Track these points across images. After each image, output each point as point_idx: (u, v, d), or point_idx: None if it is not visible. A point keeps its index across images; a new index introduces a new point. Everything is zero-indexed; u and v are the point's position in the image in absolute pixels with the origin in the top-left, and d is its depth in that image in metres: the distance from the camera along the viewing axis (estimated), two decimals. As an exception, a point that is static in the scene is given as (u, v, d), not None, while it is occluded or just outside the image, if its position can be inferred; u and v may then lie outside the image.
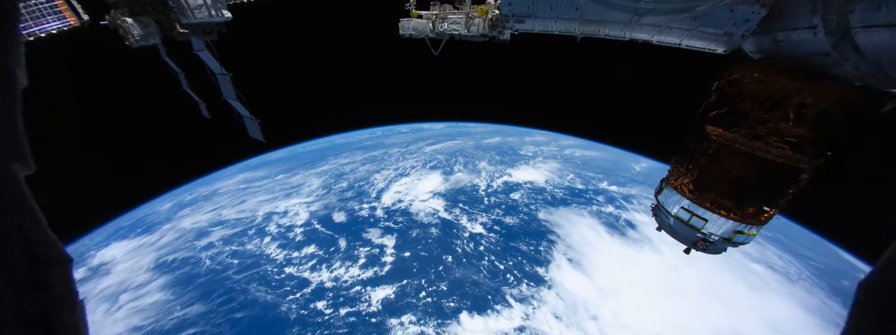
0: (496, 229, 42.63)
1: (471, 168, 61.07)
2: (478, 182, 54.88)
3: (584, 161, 67.65)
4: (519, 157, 68.05)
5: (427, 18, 8.78)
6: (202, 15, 9.39)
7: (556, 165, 63.61)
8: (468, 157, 66.58)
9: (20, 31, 1.45)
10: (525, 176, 57.59)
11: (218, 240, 40.95)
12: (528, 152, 72.34)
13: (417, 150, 72.05)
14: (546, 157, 69.65)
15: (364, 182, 54.08)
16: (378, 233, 41.09)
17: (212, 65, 10.87)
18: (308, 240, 39.72)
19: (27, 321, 1.27)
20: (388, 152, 70.57)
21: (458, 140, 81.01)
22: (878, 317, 1.22)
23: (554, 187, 53.63)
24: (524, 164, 63.96)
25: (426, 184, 53.64)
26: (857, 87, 3.91)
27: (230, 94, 11.40)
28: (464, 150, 71.52)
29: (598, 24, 5.85)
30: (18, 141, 1.37)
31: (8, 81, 1.34)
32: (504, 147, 75.98)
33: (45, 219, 1.40)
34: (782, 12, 4.16)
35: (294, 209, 46.60)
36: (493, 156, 68.67)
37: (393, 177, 56.38)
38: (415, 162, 63.65)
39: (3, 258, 1.23)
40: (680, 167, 5.59)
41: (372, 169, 60.15)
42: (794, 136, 4.30)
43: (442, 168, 60.49)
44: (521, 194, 51.40)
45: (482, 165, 62.48)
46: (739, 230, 5.02)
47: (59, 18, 9.00)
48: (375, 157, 67.73)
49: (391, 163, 63.16)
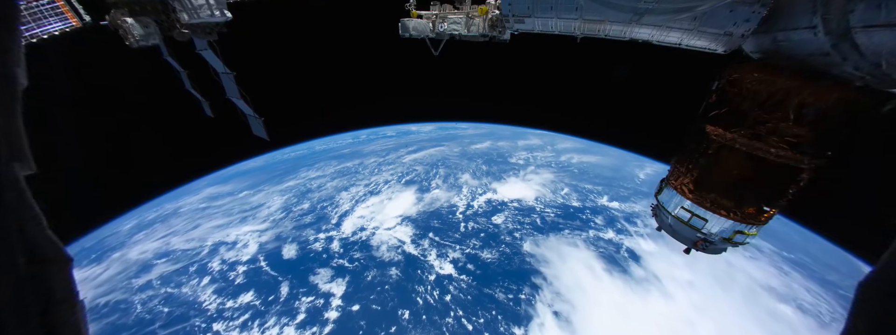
0: (470, 269, 34.67)
1: (451, 182, 53.66)
2: (457, 201, 47.49)
3: (581, 169, 61.28)
4: (508, 167, 60.95)
5: (427, 18, 8.78)
6: (202, 15, 9.39)
7: (550, 176, 56.65)
8: (450, 168, 59.45)
9: (20, 31, 1.45)
10: (512, 192, 50.39)
11: (157, 278, 35.85)
12: (520, 160, 65.35)
13: (396, 159, 65.47)
14: (539, 165, 62.79)
15: (328, 203, 47.65)
16: (328, 276, 33.96)
17: (215, 64, 10.89)
18: (248, 284, 33.63)
19: (27, 321, 1.27)
20: (363, 163, 63.75)
21: (444, 146, 74.34)
22: (878, 317, 1.22)
23: (545, 206, 46.24)
24: (513, 176, 56.52)
25: (397, 205, 46.78)
26: (857, 87, 3.91)
27: (234, 93, 11.42)
28: (447, 159, 64.67)
29: (598, 24, 5.85)
30: (19, 141, 1.37)
31: (8, 82, 1.34)
32: (493, 154, 68.93)
33: (45, 219, 1.40)
34: (782, 12, 4.16)
35: (244, 239, 40.99)
36: (479, 165, 61.50)
37: (361, 195, 49.70)
38: (390, 175, 56.96)
39: (4, 258, 1.23)
40: (680, 167, 5.59)
41: (341, 185, 53.66)
42: (794, 135, 4.30)
43: (419, 183, 53.25)
44: (505, 217, 43.79)
45: (465, 179, 55.04)
46: (739, 230, 5.02)
47: (61, 19, 9.04)
48: (348, 169, 61.35)
49: (363, 177, 56.69)
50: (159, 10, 9.25)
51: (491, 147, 74.65)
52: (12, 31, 1.36)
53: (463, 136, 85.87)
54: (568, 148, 76.25)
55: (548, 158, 67.13)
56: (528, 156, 68.54)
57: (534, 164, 63.44)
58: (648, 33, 5.48)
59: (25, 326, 1.26)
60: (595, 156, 71.49)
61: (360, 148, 76.91)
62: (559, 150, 73.46)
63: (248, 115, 11.99)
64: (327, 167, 63.41)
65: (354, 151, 74.08)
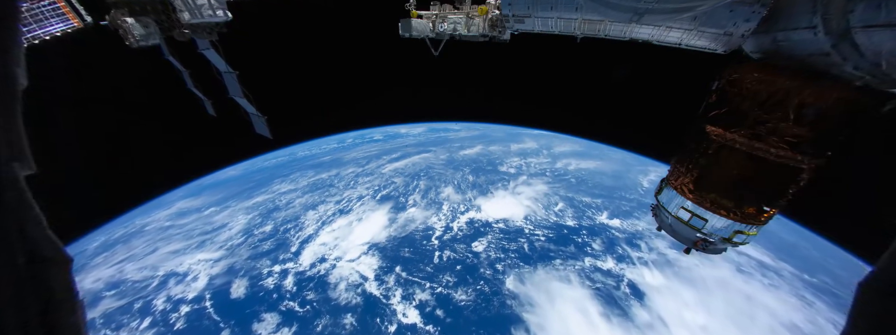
0: (438, 316, 28.94)
1: (431, 198, 47.54)
2: (434, 222, 41.27)
3: (579, 177, 55.34)
4: (497, 177, 54.64)
5: (427, 18, 8.78)
6: (203, 15, 9.40)
7: (543, 188, 50.69)
8: (433, 180, 53.39)
9: (20, 31, 1.45)
10: (499, 210, 44.29)
11: (100, 316, 32.32)
12: (511, 168, 59.34)
13: (376, 169, 59.70)
14: (532, 174, 56.73)
15: (292, 225, 42.58)
16: (273, 323, 29.41)
17: (217, 63, 10.93)
18: (187, 331, 29.73)
19: (27, 321, 1.27)
20: (340, 174, 58.29)
21: (430, 152, 68.21)
22: (878, 317, 1.22)
23: (535, 227, 39.92)
24: (502, 190, 50.01)
25: (366, 228, 40.82)
26: (857, 87, 3.91)
27: (237, 92, 11.45)
28: (431, 169, 58.56)
29: (598, 24, 5.85)
30: (19, 141, 1.37)
31: (8, 82, 1.34)
32: (482, 161, 62.67)
33: (45, 220, 1.40)
34: (782, 12, 4.16)
35: (196, 269, 37.16)
36: (465, 176, 55.20)
37: (330, 215, 44.13)
38: (365, 189, 51.31)
39: (4, 258, 1.23)
40: (680, 167, 5.58)
41: (310, 202, 48.28)
42: (794, 136, 4.30)
43: (395, 199, 47.46)
44: (487, 243, 37.12)
45: (447, 193, 48.75)
46: (739, 230, 5.02)
47: (63, 20, 9.10)
48: (323, 181, 55.71)
49: (337, 191, 51.21)
50: (159, 10, 9.26)
51: (481, 152, 68.55)
52: (12, 31, 1.36)
53: (453, 139, 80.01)
54: (565, 152, 70.74)
55: (542, 165, 61.14)
56: (521, 163, 62.29)
57: (526, 173, 57.04)
58: (648, 33, 5.48)
59: (25, 326, 1.26)
60: (594, 161, 65.91)
61: (341, 155, 71.79)
62: (555, 155, 67.78)
63: (250, 113, 12.02)
64: (302, 178, 58.03)
65: (335, 159, 68.34)
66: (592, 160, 66.11)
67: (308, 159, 70.78)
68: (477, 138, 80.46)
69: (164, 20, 9.39)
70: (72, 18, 9.22)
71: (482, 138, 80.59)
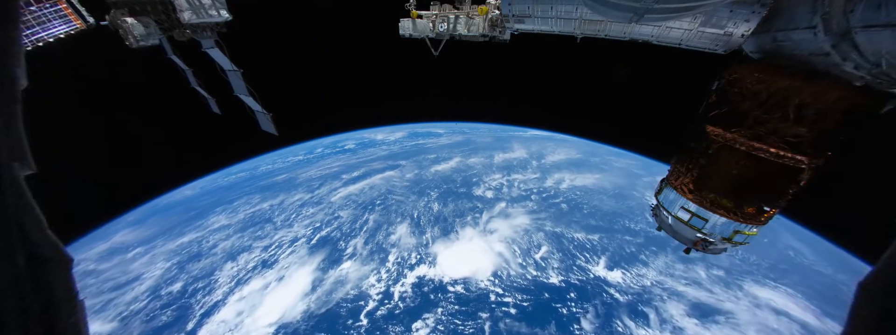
0: None
1: (377, 244, 37.49)
2: (371, 285, 31.42)
3: (572, 201, 45.37)
4: (469, 206, 44.35)
5: (427, 18, 8.79)
6: (203, 15, 9.40)
7: (525, 221, 40.94)
8: (387, 214, 43.56)
9: (21, 31, 1.45)
10: (461, 262, 33.86)
11: None
12: (489, 190, 48.99)
13: (326, 196, 49.81)
14: (514, 199, 46.26)
15: (203, 283, 33.95)
16: None
17: (221, 62, 10.98)
18: None
19: (27, 321, 1.27)
20: (283, 204, 48.90)
21: (397, 169, 58.31)
22: (878, 317, 1.22)
23: (505, 291, 30.12)
24: (470, 227, 39.76)
25: (280, 296, 31.77)
26: (857, 86, 3.91)
27: (241, 90, 11.51)
28: (391, 194, 48.82)
29: (598, 24, 5.85)
30: (19, 141, 1.37)
31: (8, 82, 1.34)
32: (456, 180, 52.51)
33: (45, 219, 1.40)
34: (782, 12, 4.16)
35: None
36: (429, 205, 45.07)
37: (248, 271, 35.37)
38: (303, 228, 41.78)
39: (4, 258, 1.23)
40: (680, 167, 5.59)
41: (236, 247, 39.58)
42: (794, 135, 4.30)
43: (332, 246, 37.66)
44: (434, 322, 27.51)
45: (398, 235, 38.86)
46: (739, 230, 5.02)
47: (65, 22, 9.23)
48: (262, 214, 46.70)
49: (270, 231, 42.12)
50: (159, 10, 9.27)
51: (457, 167, 57.80)
52: (12, 32, 1.36)
53: (430, 148, 69.86)
54: (559, 162, 60.91)
55: (528, 185, 50.66)
56: (503, 181, 51.79)
57: (506, 198, 46.25)
58: (648, 33, 5.49)
59: (25, 326, 1.26)
60: (592, 174, 55.81)
61: (298, 173, 61.90)
62: (546, 168, 57.62)
63: (255, 111, 12.07)
64: (244, 207, 49.24)
65: (289, 179, 58.44)
66: (590, 172, 56.48)
67: (264, 177, 61.85)
68: (458, 146, 70.55)
69: (164, 20, 9.40)
70: (74, 20, 9.32)
71: (464, 146, 70.69)
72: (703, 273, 34.76)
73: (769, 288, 33.45)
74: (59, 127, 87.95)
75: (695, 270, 34.85)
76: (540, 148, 70.10)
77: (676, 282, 32.81)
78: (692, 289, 32.25)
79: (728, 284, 33.40)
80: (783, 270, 36.38)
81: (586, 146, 74.45)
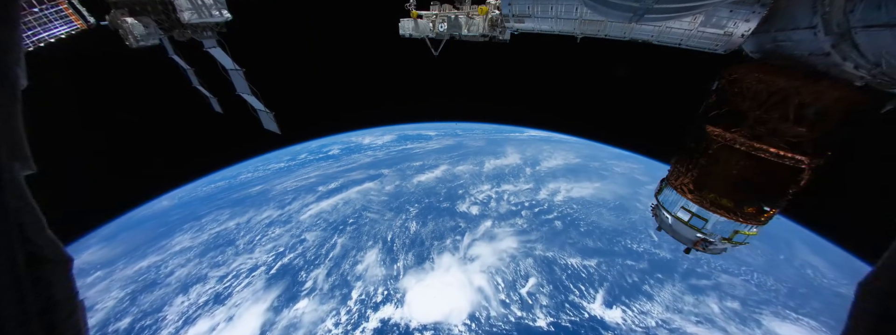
0: None
1: (341, 276, 33.00)
2: (326, 331, 27.98)
3: (568, 217, 40.34)
4: (450, 226, 39.01)
5: (427, 18, 8.78)
6: (203, 15, 9.40)
7: (512, 244, 35.65)
8: (358, 236, 38.75)
9: (21, 31, 1.45)
10: (433, 301, 29.69)
11: None
12: (474, 205, 43.56)
13: (296, 213, 45.35)
14: (502, 216, 41.29)
15: (151, 320, 31.32)
16: None
17: (223, 61, 11.01)
18: None
19: (27, 321, 1.27)
20: (250, 223, 44.37)
21: (377, 180, 53.25)
22: (878, 317, 1.22)
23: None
24: (449, 253, 34.80)
25: None
26: (857, 86, 3.91)
27: (244, 89, 11.55)
28: (366, 211, 44.12)
29: (598, 25, 5.85)
30: (19, 141, 1.37)
31: (8, 82, 1.34)
32: (440, 193, 47.05)
33: (45, 220, 1.40)
34: (782, 12, 4.16)
35: None
36: (406, 224, 39.84)
37: (198, 308, 31.81)
38: (264, 254, 37.45)
39: (4, 258, 1.23)
40: (680, 167, 5.59)
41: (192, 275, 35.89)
42: (794, 135, 4.30)
43: (292, 277, 33.70)
44: None
45: (366, 264, 34.35)
46: (739, 230, 5.02)
47: (66, 23, 9.36)
48: (226, 235, 42.36)
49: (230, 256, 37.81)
50: (159, 10, 9.27)
51: (443, 177, 52.34)
52: (12, 32, 1.36)
53: (417, 154, 64.67)
54: (555, 168, 55.51)
55: (520, 197, 45.49)
56: (491, 193, 46.67)
57: (493, 215, 41.16)
58: (648, 33, 5.49)
59: (25, 326, 1.26)
60: (591, 182, 50.73)
61: (273, 183, 57.72)
62: (541, 176, 52.31)
63: (258, 109, 12.11)
64: (210, 225, 44.98)
65: (262, 192, 54.18)
66: (589, 180, 51.20)
67: (241, 187, 58.05)
68: (447, 152, 65.14)
69: (164, 20, 9.40)
70: (75, 20, 9.42)
71: (454, 151, 65.28)
72: (715, 307, 30.30)
73: (790, 321, 30.23)
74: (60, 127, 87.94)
75: (707, 303, 30.45)
76: (535, 152, 65.63)
77: (686, 321, 28.64)
78: (704, 331, 28.20)
79: (744, 320, 29.43)
80: (803, 296, 32.97)
81: (585, 148, 71.28)
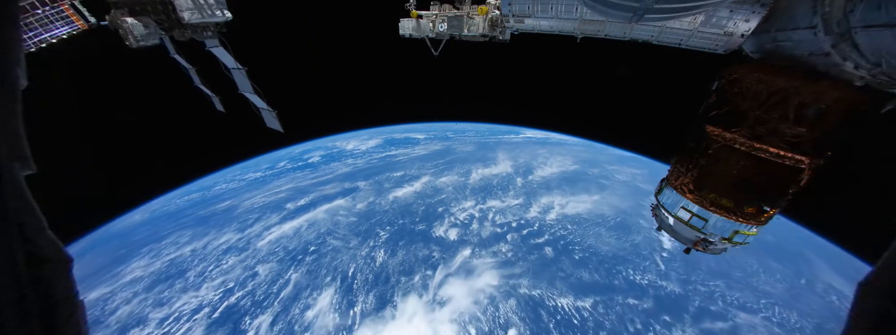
0: None
1: (290, 323, 29.26)
2: None
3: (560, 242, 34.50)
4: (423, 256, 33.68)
5: (427, 18, 8.78)
6: (203, 15, 9.40)
7: (491, 281, 30.67)
8: (316, 270, 34.19)
9: (21, 32, 1.45)
10: None
11: None
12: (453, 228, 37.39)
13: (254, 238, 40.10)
14: (484, 242, 35.33)
15: None
16: None
17: (226, 60, 11.02)
18: None
19: (27, 321, 1.27)
20: (206, 249, 40.21)
21: (350, 196, 47.53)
22: (878, 317, 1.22)
23: None
24: (417, 293, 30.40)
25: None
26: (857, 86, 3.91)
27: (246, 88, 11.56)
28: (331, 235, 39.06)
29: (598, 25, 5.85)
30: (19, 141, 1.37)
31: (8, 82, 1.34)
32: (416, 212, 41.02)
33: (45, 220, 1.40)
34: (782, 12, 4.16)
35: None
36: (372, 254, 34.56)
37: None
38: (211, 290, 33.65)
39: (4, 258, 1.23)
40: (680, 167, 5.58)
41: (131, 316, 31.91)
42: (794, 135, 4.29)
43: (232, 326, 29.39)
44: None
45: (319, 308, 30.16)
46: (739, 230, 5.02)
47: (68, 24, 9.44)
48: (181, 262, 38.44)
49: (174, 294, 34.08)
50: (159, 10, 9.26)
51: (423, 192, 46.81)
52: (12, 31, 1.36)
53: (400, 162, 58.66)
54: (550, 178, 49.89)
55: (507, 216, 39.53)
56: (475, 212, 40.82)
57: (473, 241, 34.30)
58: (648, 33, 5.48)
59: (25, 326, 1.26)
60: (589, 194, 44.69)
61: (245, 197, 52.41)
62: (533, 188, 46.61)
63: (261, 108, 12.12)
64: (168, 249, 40.51)
65: (229, 209, 48.70)
66: (587, 193, 45.40)
67: (211, 202, 52.77)
68: (432, 159, 59.40)
69: (164, 20, 9.39)
70: (76, 21, 9.48)
71: (440, 158, 59.67)
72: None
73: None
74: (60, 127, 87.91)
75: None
76: (529, 158, 59.81)
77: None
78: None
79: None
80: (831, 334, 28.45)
81: (584, 152, 66.92)
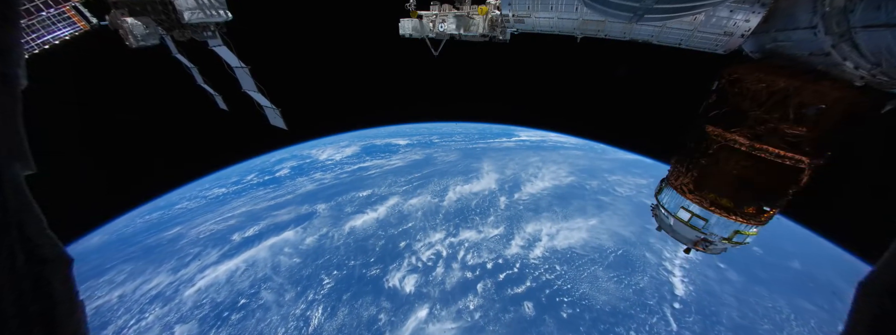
0: None
1: None
2: None
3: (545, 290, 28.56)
4: (366, 319, 28.19)
5: (427, 18, 8.78)
6: (203, 14, 9.40)
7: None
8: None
9: (21, 33, 1.45)
10: None
11: None
12: (411, 278, 31.11)
13: (185, 283, 35.05)
14: (447, 295, 29.11)
15: None
16: None
17: (229, 59, 11.01)
18: None
19: (28, 320, 1.27)
20: (135, 294, 34.86)
21: (304, 224, 41.34)
22: (878, 317, 1.22)
23: None
24: None
25: None
26: (857, 86, 3.91)
27: (250, 86, 11.56)
28: (265, 283, 33.14)
29: (598, 25, 5.85)
30: (19, 141, 1.37)
31: (9, 82, 1.34)
32: (374, 250, 34.76)
33: (45, 219, 1.40)
34: (782, 12, 4.16)
35: None
36: (305, 316, 29.13)
37: None
38: None
39: (4, 258, 1.23)
40: (680, 167, 5.58)
41: None
42: (794, 135, 4.30)
43: None
44: None
45: None
46: (739, 230, 5.02)
47: (70, 25, 9.48)
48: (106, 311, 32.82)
49: None
50: (159, 10, 9.26)
51: (387, 217, 39.93)
52: (13, 32, 1.36)
53: (370, 178, 51.96)
54: (540, 196, 42.94)
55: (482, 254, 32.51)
56: (443, 247, 33.86)
57: (436, 292, 28.34)
58: (648, 33, 5.48)
59: (25, 326, 1.26)
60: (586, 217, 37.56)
61: (196, 222, 46.35)
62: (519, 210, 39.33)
63: (264, 106, 12.12)
64: (99, 292, 34.94)
65: (176, 237, 43.30)
66: (582, 215, 38.07)
67: (165, 225, 46.90)
68: (408, 172, 52.75)
69: (164, 20, 9.39)
70: (78, 22, 9.53)
71: (417, 171, 52.63)
72: None
73: None
74: (60, 127, 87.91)
75: None
76: (519, 168, 52.41)
77: None
78: None
79: None
80: None
81: (582, 158, 61.72)
